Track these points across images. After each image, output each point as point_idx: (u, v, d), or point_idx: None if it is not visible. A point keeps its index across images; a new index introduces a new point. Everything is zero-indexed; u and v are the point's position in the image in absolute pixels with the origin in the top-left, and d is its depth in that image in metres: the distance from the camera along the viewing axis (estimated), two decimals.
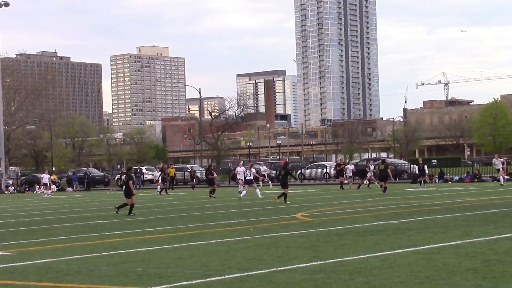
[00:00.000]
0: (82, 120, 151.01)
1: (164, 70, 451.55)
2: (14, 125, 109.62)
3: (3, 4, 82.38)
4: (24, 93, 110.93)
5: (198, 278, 12.91)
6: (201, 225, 24.76)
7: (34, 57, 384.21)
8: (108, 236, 21.60)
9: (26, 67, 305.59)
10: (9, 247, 19.34)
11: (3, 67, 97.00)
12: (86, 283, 12.81)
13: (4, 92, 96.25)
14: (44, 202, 47.37)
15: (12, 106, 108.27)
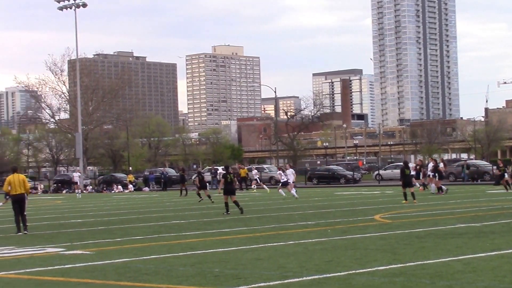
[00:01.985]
0: (158, 120, 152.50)
1: (239, 70, 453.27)
2: (92, 125, 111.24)
3: (80, 5, 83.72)
4: (101, 93, 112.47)
5: (276, 280, 12.78)
6: (278, 226, 24.64)
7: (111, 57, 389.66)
8: (185, 236, 21.65)
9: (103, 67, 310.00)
10: (89, 246, 19.52)
11: (81, 68, 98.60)
12: (164, 283, 12.80)
13: (82, 92, 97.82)
14: (122, 202, 47.89)
15: (89, 106, 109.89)
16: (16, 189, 24.35)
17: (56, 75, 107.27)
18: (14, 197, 24.47)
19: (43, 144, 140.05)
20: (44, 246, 19.91)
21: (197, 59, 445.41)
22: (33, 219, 32.51)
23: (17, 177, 24.62)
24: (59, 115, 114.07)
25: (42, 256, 17.57)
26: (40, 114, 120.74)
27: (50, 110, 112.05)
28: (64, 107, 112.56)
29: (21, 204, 24.49)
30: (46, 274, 14.29)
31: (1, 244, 20.75)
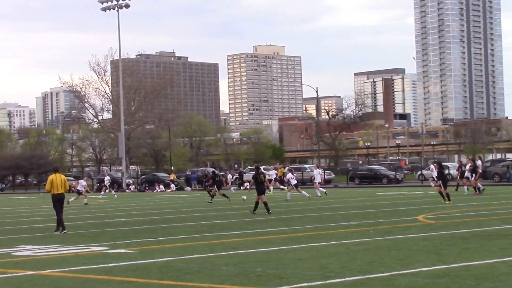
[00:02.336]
0: (200, 120, 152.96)
1: (280, 69, 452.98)
2: (134, 125, 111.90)
3: (123, 6, 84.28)
4: (144, 93, 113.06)
5: (318, 280, 12.76)
6: (319, 226, 24.59)
7: (153, 58, 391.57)
8: (227, 236, 21.69)
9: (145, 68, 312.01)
10: (132, 245, 19.66)
11: (123, 68, 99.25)
12: (206, 282, 12.85)
13: (124, 92, 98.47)
14: (164, 201, 48.14)
15: (132, 106, 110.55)
16: (58, 188, 24.63)
17: (99, 75, 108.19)
18: (55, 197, 24.73)
19: (86, 144, 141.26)
20: (88, 244, 20.10)
21: (239, 59, 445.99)
22: (77, 218, 32.89)
23: (59, 177, 24.95)
24: (102, 115, 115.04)
25: (86, 255, 17.74)
26: (84, 114, 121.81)
27: (93, 110, 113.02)
28: (107, 107, 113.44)
29: (61, 204, 24.83)
30: (90, 273, 14.43)
31: (46, 243, 21.00)
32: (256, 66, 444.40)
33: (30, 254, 18.28)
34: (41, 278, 13.97)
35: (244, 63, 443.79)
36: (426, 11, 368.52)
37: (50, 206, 42.42)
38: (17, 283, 13.51)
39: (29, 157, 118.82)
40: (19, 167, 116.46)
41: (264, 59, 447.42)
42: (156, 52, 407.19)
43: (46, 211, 39.98)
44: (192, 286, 12.54)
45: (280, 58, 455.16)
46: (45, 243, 20.99)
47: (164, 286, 12.68)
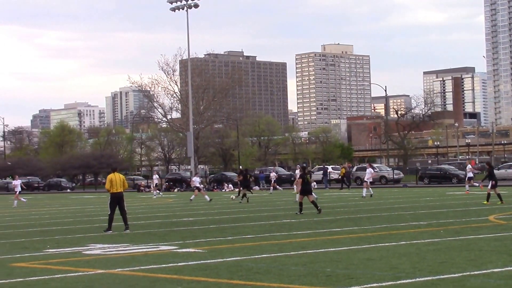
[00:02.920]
0: (268, 119, 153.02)
1: (349, 68, 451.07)
2: (203, 124, 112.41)
3: (192, 6, 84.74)
4: (212, 92, 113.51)
5: (388, 281, 12.65)
6: (389, 226, 24.36)
7: (222, 57, 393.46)
8: (295, 236, 21.64)
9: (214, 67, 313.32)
10: (201, 244, 19.72)
11: (192, 67, 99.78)
12: (276, 282, 12.82)
13: (193, 91, 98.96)
14: (232, 201, 48.27)
15: (200, 105, 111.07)
16: (117, 187, 24.86)
17: (168, 75, 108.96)
18: (114, 196, 24.95)
19: (155, 143, 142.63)
20: (157, 244, 20.23)
21: (307, 58, 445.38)
22: (146, 217, 33.19)
23: (117, 176, 25.17)
24: (171, 114, 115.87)
25: (156, 254, 17.86)
26: (153, 114, 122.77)
27: (162, 109, 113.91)
28: (176, 106, 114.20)
29: (121, 202, 25.03)
30: (160, 272, 14.51)
31: (116, 242, 21.21)
32: (324, 65, 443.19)
33: (100, 253, 18.48)
34: (111, 277, 14.11)
35: (313, 62, 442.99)
36: (496, 9, 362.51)
37: None
38: (87, 281, 13.66)
39: (98, 157, 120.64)
40: (89, 166, 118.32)
41: (333, 58, 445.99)
42: (224, 52, 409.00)
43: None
44: (261, 286, 12.52)
45: (348, 57, 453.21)
46: (115, 242, 21.20)
47: (233, 285, 12.68)
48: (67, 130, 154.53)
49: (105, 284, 13.25)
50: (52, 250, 19.41)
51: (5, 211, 45.65)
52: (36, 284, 13.45)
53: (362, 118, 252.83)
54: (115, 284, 13.27)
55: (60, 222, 31.46)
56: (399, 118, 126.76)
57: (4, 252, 19.25)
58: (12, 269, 15.73)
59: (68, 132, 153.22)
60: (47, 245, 20.74)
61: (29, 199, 69.95)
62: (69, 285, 13.34)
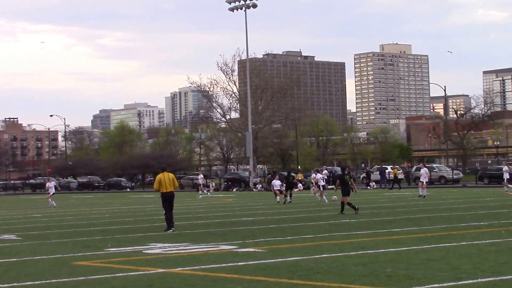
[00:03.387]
0: (327, 119, 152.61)
1: (407, 68, 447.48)
2: (261, 124, 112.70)
3: (250, 6, 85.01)
4: (271, 92, 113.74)
5: (449, 281, 12.55)
6: (449, 226, 24.12)
7: (280, 57, 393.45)
8: (355, 236, 21.57)
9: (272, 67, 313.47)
10: (260, 244, 19.77)
11: (250, 68, 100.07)
12: (336, 282, 12.79)
13: (251, 91, 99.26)
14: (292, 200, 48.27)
15: (259, 105, 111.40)
16: (167, 187, 24.97)
17: (227, 75, 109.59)
18: (164, 195, 25.08)
19: (214, 143, 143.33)
20: (217, 243, 20.32)
21: (365, 58, 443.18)
22: (205, 217, 33.38)
23: (167, 175, 25.22)
24: (229, 114, 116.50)
25: (216, 253, 17.95)
26: (212, 114, 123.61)
27: (221, 109, 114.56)
28: (235, 106, 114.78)
29: (171, 202, 25.13)
30: (220, 271, 14.58)
31: (177, 241, 21.36)
32: (383, 65, 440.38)
33: (160, 252, 18.63)
34: (172, 276, 14.21)
35: (371, 62, 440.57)
36: None
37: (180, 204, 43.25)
38: (148, 280, 13.78)
39: (158, 156, 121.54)
40: (149, 166, 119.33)
41: (391, 58, 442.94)
42: (282, 52, 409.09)
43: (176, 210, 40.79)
44: (322, 286, 12.50)
45: (407, 57, 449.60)
46: (175, 241, 21.34)
47: (294, 285, 12.68)
48: (127, 130, 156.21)
49: (166, 283, 13.35)
50: (113, 249, 19.64)
51: (66, 210, 46.32)
52: (98, 283, 13.62)
53: (421, 118, 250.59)
54: (175, 283, 13.36)
55: (120, 221, 31.81)
56: (458, 118, 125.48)
57: (67, 251, 19.54)
58: (75, 267, 15.97)
59: (128, 132, 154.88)
60: (108, 244, 21.00)
61: (90, 198, 70.95)
62: (130, 284, 13.48)
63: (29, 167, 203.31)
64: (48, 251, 19.83)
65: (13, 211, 49.06)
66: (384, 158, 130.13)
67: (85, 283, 13.70)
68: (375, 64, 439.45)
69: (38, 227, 29.85)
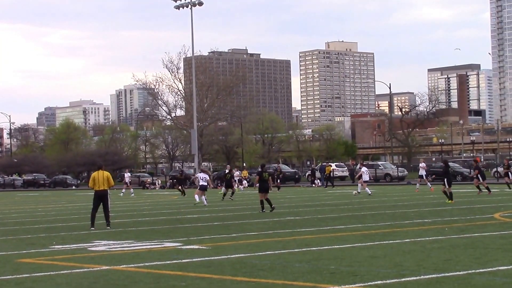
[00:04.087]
0: (272, 117, 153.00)
1: (353, 66, 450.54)
2: (207, 122, 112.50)
3: (196, 4, 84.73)
4: (216, 90, 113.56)
5: (393, 278, 12.66)
6: (393, 223, 24.33)
7: (226, 55, 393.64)
8: (299, 233, 21.67)
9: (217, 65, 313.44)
10: (205, 241, 19.78)
11: (196, 65, 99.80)
12: (280, 279, 12.83)
13: (197, 89, 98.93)
14: (237, 198, 48.29)
15: (204, 103, 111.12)
16: (100, 185, 24.81)
17: (173, 72, 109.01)
18: (97, 193, 24.92)
19: (159, 141, 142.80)
20: (162, 240, 20.27)
21: (311, 55, 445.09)
22: (151, 214, 33.25)
23: (101, 173, 25.08)
24: (175, 112, 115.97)
25: (160, 250, 17.91)
26: (157, 111, 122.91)
27: (167, 107, 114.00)
28: (180, 104, 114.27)
29: (104, 200, 24.94)
30: (164, 268, 14.56)
31: (121, 238, 21.27)
32: (328, 63, 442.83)
33: (105, 249, 18.54)
34: (116, 273, 14.14)
35: (317, 59, 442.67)
36: (502, 5, 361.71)
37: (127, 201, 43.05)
38: (93, 278, 13.71)
39: (103, 154, 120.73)
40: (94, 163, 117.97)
41: (337, 56, 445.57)
42: (228, 49, 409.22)
43: (124, 207, 40.55)
44: (265, 283, 12.53)
45: (352, 55, 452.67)
46: (119, 238, 21.25)
47: (237, 282, 12.70)
48: (73, 128, 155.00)
49: (110, 280, 13.29)
50: (58, 246, 19.49)
51: (11, 207, 45.74)
52: (42, 280, 13.52)
53: (366, 116, 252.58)
54: (120, 280, 13.30)
55: (65, 219, 31.56)
56: (403, 115, 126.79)
57: (11, 248, 19.37)
58: (19, 264, 15.83)
59: (74, 130, 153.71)
60: (53, 241, 20.83)
61: (35, 196, 70.16)
62: (74, 281, 13.39)
63: None
64: None
65: None
66: (329, 156, 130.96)
67: (29, 280, 13.57)
68: (320, 62, 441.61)
69: None
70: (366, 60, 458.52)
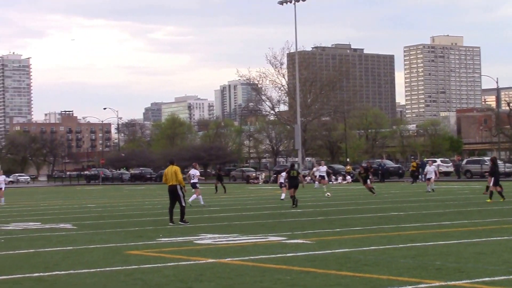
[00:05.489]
0: (376, 112, 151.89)
1: (458, 60, 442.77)
2: (310, 117, 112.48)
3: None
4: (319, 85, 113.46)
5: (501, 275, 12.49)
6: (500, 219, 23.93)
7: (329, 50, 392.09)
8: (404, 228, 21.54)
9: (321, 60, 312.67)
10: (309, 236, 19.86)
11: (299, 61, 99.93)
12: (385, 274, 12.80)
13: (300, 84, 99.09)
14: (340, 193, 48.25)
15: (308, 98, 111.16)
16: (169, 180, 24.74)
17: (276, 68, 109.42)
18: (168, 188, 24.84)
19: (263, 136, 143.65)
20: (266, 234, 20.43)
21: (415, 50, 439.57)
22: (254, 208, 33.53)
23: (171, 169, 24.99)
24: (278, 107, 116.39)
25: (265, 244, 18.07)
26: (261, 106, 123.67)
27: (270, 102, 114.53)
28: (284, 99, 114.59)
29: (175, 195, 24.75)
30: (269, 262, 14.70)
31: (226, 232, 21.53)
32: (433, 57, 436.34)
33: (211, 242, 18.82)
34: (222, 266, 14.35)
35: (421, 54, 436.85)
36: None
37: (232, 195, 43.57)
38: (199, 270, 13.94)
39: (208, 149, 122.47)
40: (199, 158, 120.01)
41: (442, 50, 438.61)
42: (332, 45, 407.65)
43: (226, 201, 41.03)
44: (370, 278, 12.53)
45: (458, 49, 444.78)
46: (224, 232, 21.52)
47: (342, 277, 12.73)
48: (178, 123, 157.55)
49: (216, 273, 13.49)
50: (165, 239, 19.89)
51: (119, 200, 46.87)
52: (150, 272, 13.83)
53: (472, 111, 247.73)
54: (225, 273, 13.49)
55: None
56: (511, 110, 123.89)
57: (120, 240, 19.89)
58: (128, 256, 16.25)
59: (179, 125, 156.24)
60: (160, 234, 21.27)
61: (142, 190, 71.66)
62: (181, 273, 13.65)
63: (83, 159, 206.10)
64: (102, 240, 20.22)
65: (68, 201, 49.92)
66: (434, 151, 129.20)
67: (137, 271, 13.91)
68: (425, 56, 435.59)
69: (92, 217, 30.36)
70: (472, 54, 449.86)
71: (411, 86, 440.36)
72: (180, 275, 13.37)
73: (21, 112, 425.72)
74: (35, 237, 21.63)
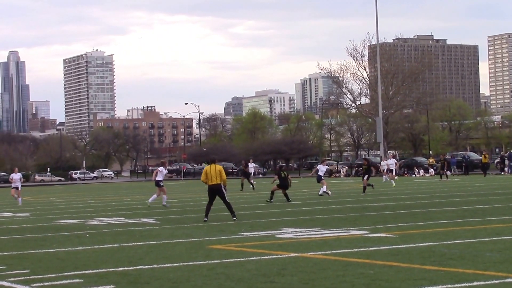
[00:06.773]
0: (459, 103, 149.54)
1: None
2: (392, 109, 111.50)
3: None
4: (401, 77, 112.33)
5: None
6: None
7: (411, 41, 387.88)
8: (490, 222, 21.18)
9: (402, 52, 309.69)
10: (392, 229, 19.69)
11: (381, 53, 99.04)
12: (470, 268, 12.61)
13: (382, 76, 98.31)
14: (423, 186, 47.73)
15: (389, 90, 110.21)
16: (212, 179, 24.43)
17: (357, 60, 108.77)
18: (210, 188, 24.46)
19: (344, 129, 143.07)
20: (348, 228, 20.34)
21: (500, 39, 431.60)
22: (336, 202, 33.40)
23: (213, 167, 24.60)
24: (360, 100, 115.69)
25: (347, 238, 17.99)
26: (342, 99, 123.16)
27: (351, 95, 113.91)
28: (365, 92, 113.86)
29: (219, 194, 24.45)
30: (351, 256, 14.63)
31: (308, 226, 21.50)
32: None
33: (292, 236, 18.80)
34: (304, 260, 14.33)
35: (506, 43, 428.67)
36: None
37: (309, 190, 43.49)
38: (281, 264, 13.95)
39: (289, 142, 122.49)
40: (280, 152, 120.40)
41: None
42: (413, 36, 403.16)
43: (307, 195, 40.97)
44: (455, 272, 12.34)
45: None
46: (306, 226, 21.48)
47: (426, 271, 12.57)
48: (259, 117, 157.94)
49: (298, 267, 13.47)
50: (247, 233, 19.96)
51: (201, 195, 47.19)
52: (232, 266, 13.89)
53: None
54: (308, 267, 13.46)
55: (253, 207, 32.18)
56: None
57: (203, 235, 20.04)
58: (210, 251, 16.36)
59: (260, 119, 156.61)
60: (242, 228, 21.35)
61: None
62: (263, 267, 13.67)
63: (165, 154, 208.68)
64: (185, 234, 20.40)
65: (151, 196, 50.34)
66: None
67: (220, 265, 13.99)
68: (510, 46, 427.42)
69: (175, 212, 30.64)
70: None
71: (496, 77, 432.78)
72: (262, 269, 13.39)
73: (105, 108, 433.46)
74: (119, 232, 21.97)
